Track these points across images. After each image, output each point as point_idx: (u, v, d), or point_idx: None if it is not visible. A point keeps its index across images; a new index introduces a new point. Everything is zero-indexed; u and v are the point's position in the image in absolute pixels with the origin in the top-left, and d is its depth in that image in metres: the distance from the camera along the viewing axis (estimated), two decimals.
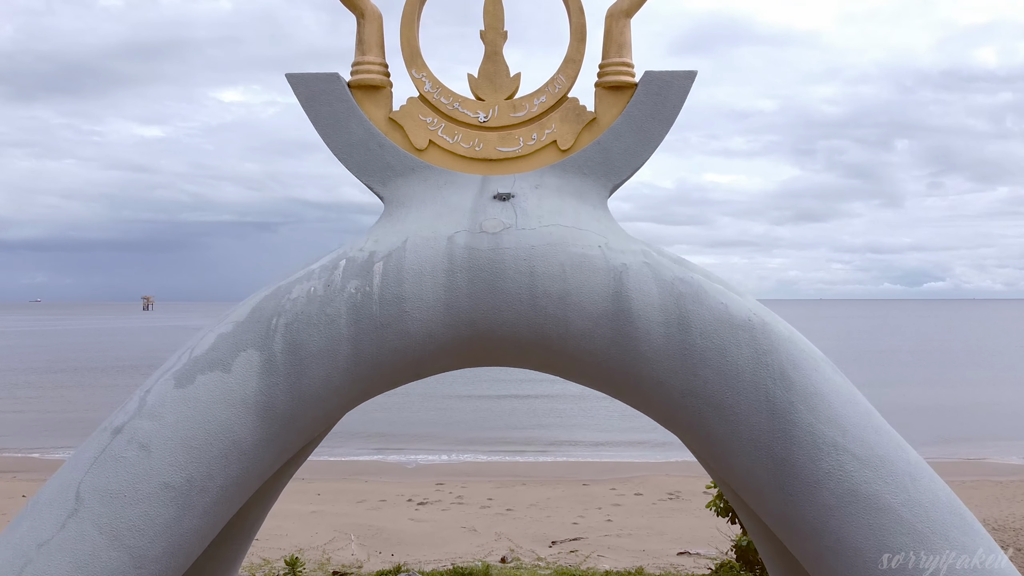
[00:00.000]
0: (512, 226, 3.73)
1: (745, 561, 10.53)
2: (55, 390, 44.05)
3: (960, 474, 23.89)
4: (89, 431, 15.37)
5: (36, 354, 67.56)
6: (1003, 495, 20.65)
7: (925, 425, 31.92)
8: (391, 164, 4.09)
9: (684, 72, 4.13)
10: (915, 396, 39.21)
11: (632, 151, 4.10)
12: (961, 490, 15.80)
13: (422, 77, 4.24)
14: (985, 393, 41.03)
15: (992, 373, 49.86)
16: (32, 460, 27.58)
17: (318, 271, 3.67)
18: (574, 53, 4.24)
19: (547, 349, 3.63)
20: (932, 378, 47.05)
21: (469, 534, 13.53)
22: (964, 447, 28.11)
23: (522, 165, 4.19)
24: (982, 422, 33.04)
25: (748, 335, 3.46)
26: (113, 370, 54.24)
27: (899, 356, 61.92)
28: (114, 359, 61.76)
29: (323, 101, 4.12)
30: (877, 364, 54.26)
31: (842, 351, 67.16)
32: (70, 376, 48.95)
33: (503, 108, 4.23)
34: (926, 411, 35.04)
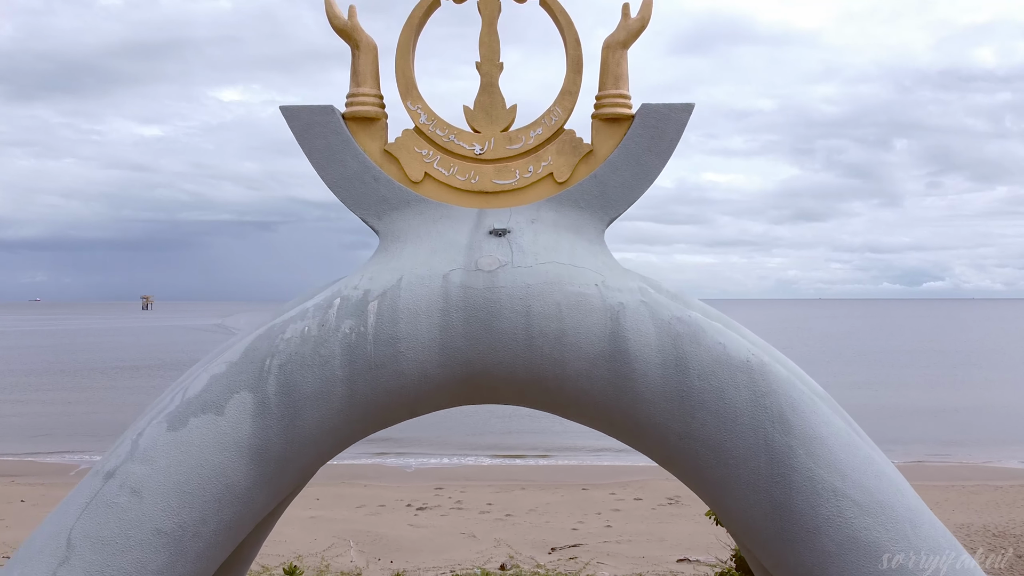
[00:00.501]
0: (508, 264, 3.70)
1: (745, 571, 10.51)
2: (54, 392, 44.01)
3: (959, 478, 23.90)
4: (88, 434, 15.44)
5: (35, 355, 67.53)
6: (1003, 500, 20.62)
7: (924, 428, 31.93)
8: (386, 197, 4.06)
9: (681, 105, 4.10)
10: (914, 398, 39.21)
11: (629, 184, 4.06)
12: (961, 495, 15.75)
13: (417, 109, 4.20)
14: (984, 396, 41.03)
15: (991, 375, 49.86)
16: (31, 464, 27.54)
17: (312, 310, 3.63)
18: (570, 85, 4.20)
19: (543, 390, 3.60)
20: (931, 380, 47.06)
21: (468, 540, 13.52)
22: (963, 451, 28.10)
23: (518, 198, 4.15)
24: (981, 425, 33.02)
25: (746, 377, 3.42)
26: (112, 371, 54.19)
27: (898, 357, 61.91)
28: (113, 360, 61.71)
29: (317, 134, 4.08)
30: (876, 365, 54.28)
31: (841, 351, 67.23)
32: (69, 378, 48.91)
33: (499, 140, 4.19)
34: (925, 413, 35.05)
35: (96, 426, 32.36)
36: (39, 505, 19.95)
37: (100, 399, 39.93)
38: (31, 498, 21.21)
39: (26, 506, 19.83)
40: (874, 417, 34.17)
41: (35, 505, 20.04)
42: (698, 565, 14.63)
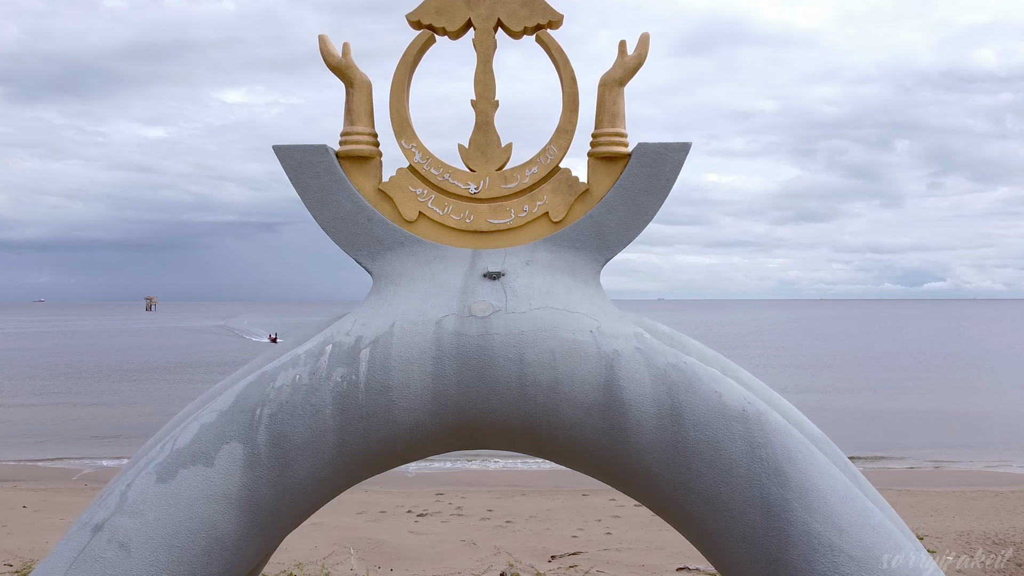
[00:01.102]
0: (502, 309, 3.65)
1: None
2: (58, 395, 44.02)
3: (960, 484, 23.81)
4: (91, 439, 15.38)
5: (39, 357, 67.59)
6: (1003, 507, 20.53)
7: (925, 432, 31.85)
8: (380, 238, 4.02)
9: (678, 144, 4.05)
10: (915, 402, 39.11)
11: (625, 225, 4.02)
12: (961, 501, 15.65)
13: (412, 148, 4.16)
14: (986, 399, 40.93)
15: (993, 377, 49.76)
16: (33, 468, 27.52)
17: (304, 356, 3.59)
18: (566, 123, 4.16)
19: (536, 438, 3.56)
20: (933, 382, 46.97)
21: (468, 548, 13.49)
22: (964, 455, 28.02)
23: (513, 238, 4.11)
24: (983, 430, 32.93)
25: (742, 427, 3.38)
26: (116, 374, 54.22)
27: (900, 359, 61.75)
28: (117, 362, 61.75)
29: (311, 173, 4.04)
30: (878, 368, 54.16)
31: (843, 354, 67.13)
32: (73, 381, 48.93)
33: (494, 179, 4.15)
34: (927, 417, 34.96)
35: (99, 431, 32.37)
36: (41, 511, 19.92)
37: (103, 403, 39.95)
38: (33, 504, 21.19)
39: (28, 512, 19.81)
40: (875, 421, 34.15)
41: (37, 511, 20.01)
42: (697, 574, 14.60)
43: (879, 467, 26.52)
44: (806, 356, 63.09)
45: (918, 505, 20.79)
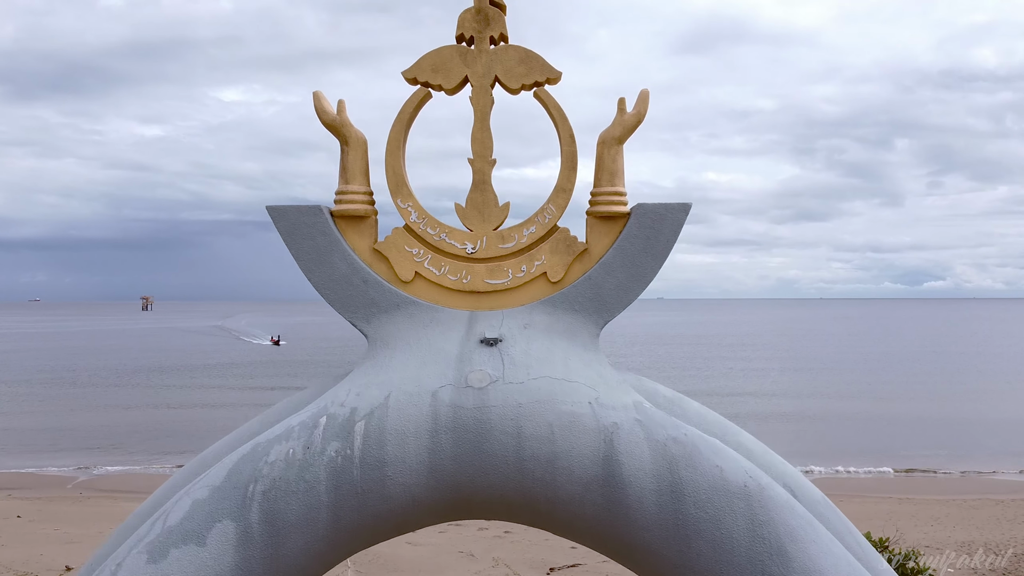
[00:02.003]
0: (499, 379, 3.58)
1: None
2: (53, 400, 43.87)
3: (961, 492, 23.76)
4: (86, 446, 15.22)
5: (35, 359, 67.41)
6: (1004, 515, 20.46)
7: (926, 437, 31.82)
8: (375, 300, 3.95)
9: (678, 205, 3.98)
10: (916, 406, 39.08)
11: (624, 287, 3.95)
12: (961, 510, 15.59)
13: (408, 207, 4.09)
14: (987, 403, 40.91)
15: (994, 380, 49.75)
16: (28, 476, 27.39)
17: (298, 429, 3.52)
18: (564, 182, 4.09)
19: (534, 512, 3.50)
20: (933, 385, 46.96)
21: (467, 560, 13.44)
22: (966, 462, 27.96)
23: (511, 298, 4.04)
24: (984, 434, 32.90)
25: (744, 504, 3.32)
26: (113, 376, 54.10)
27: (900, 361, 61.74)
28: (114, 365, 61.59)
29: (305, 235, 3.97)
30: (878, 370, 54.13)
31: (843, 355, 67.10)
32: (69, 385, 48.79)
33: (491, 239, 4.08)
34: (928, 423, 34.93)
35: (96, 437, 32.27)
36: (35, 521, 19.79)
37: (99, 408, 39.85)
38: (28, 513, 21.05)
39: (23, 522, 19.68)
40: (875, 427, 34.09)
41: (32, 521, 19.88)
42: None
43: (880, 474, 26.51)
44: (806, 358, 63.03)
45: (918, 514, 20.73)
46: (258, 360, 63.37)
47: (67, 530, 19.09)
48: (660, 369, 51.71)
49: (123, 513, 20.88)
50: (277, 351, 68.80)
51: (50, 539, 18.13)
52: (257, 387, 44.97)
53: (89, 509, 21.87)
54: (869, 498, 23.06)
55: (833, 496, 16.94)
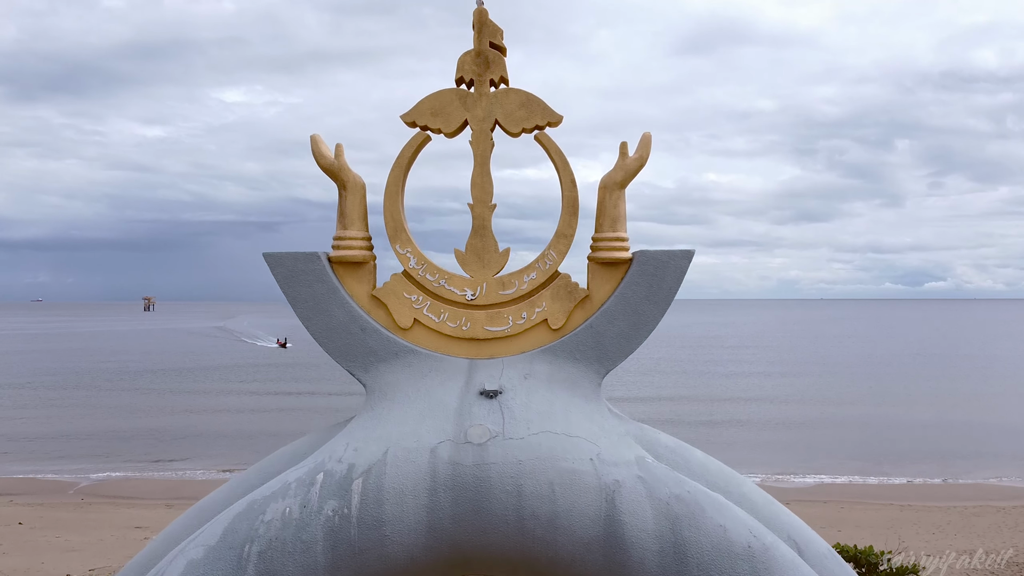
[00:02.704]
0: (499, 435, 3.52)
1: None
2: (57, 404, 43.79)
3: (963, 499, 23.65)
4: (89, 451, 15.16)
5: (38, 361, 67.38)
6: (1005, 523, 20.35)
7: (928, 442, 31.72)
8: (374, 349, 3.89)
9: (680, 251, 3.92)
10: (918, 411, 38.97)
11: (626, 335, 3.89)
12: (962, 517, 15.50)
13: (407, 253, 4.03)
14: (988, 407, 40.80)
15: (995, 384, 49.62)
16: (31, 481, 27.32)
17: (295, 486, 3.46)
18: (565, 227, 4.03)
19: (535, 571, 3.44)
20: (935, 389, 46.85)
21: None
22: (968, 467, 27.85)
23: (511, 346, 3.98)
24: (985, 439, 32.78)
25: (748, 566, 3.26)
26: (116, 379, 54.02)
27: (902, 364, 61.60)
28: (116, 367, 61.53)
29: (302, 282, 3.91)
30: (880, 374, 53.99)
31: (845, 358, 66.96)
32: (72, 388, 48.72)
33: (491, 285, 4.02)
34: (929, 428, 34.82)
35: (97, 441, 32.20)
36: (37, 528, 19.75)
37: (103, 411, 39.75)
38: (29, 520, 21.01)
39: (24, 529, 19.63)
40: (878, 433, 33.98)
41: (33, 528, 19.84)
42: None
43: (882, 481, 26.41)
44: (807, 362, 62.89)
45: (920, 521, 20.64)
46: (265, 363, 63.34)
47: (68, 537, 19.05)
48: (662, 374, 51.60)
49: (124, 520, 20.81)
50: (284, 354, 68.39)
51: (51, 546, 18.08)
52: (265, 392, 44.75)
53: (90, 515, 21.82)
54: (872, 505, 22.97)
55: (836, 503, 16.98)
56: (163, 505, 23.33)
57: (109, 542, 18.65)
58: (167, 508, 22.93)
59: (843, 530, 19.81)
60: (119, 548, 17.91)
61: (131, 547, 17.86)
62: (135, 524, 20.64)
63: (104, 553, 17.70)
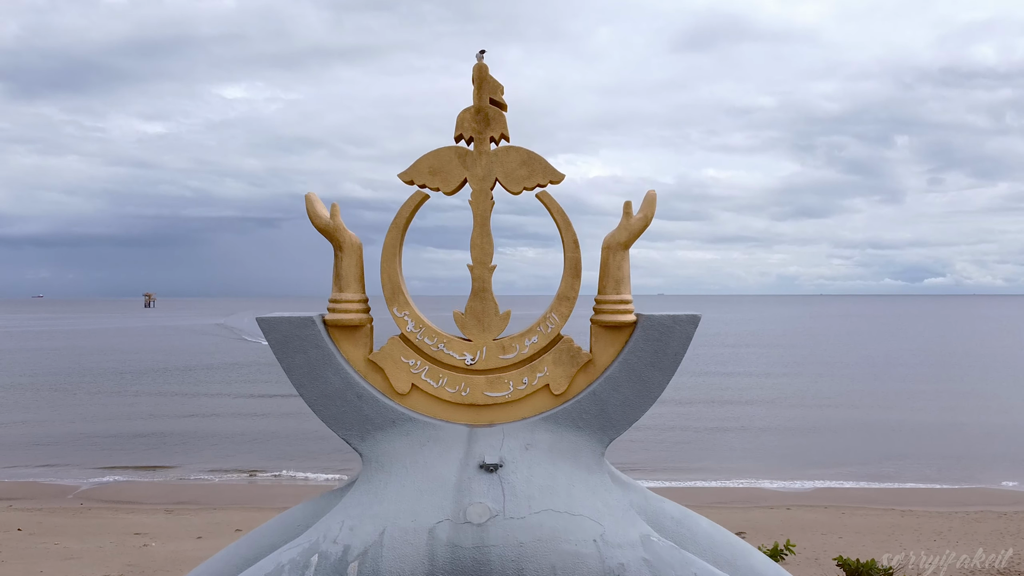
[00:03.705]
0: (499, 514, 3.41)
1: None
2: (57, 406, 43.68)
3: (963, 503, 23.54)
4: (89, 454, 15.05)
5: (39, 359, 67.26)
6: (1007, 529, 20.24)
7: (928, 445, 31.62)
8: (370, 417, 3.77)
9: (686, 316, 3.80)
10: (918, 413, 38.84)
11: (630, 403, 3.77)
12: (964, 523, 15.35)
13: (404, 316, 3.91)
14: (989, 407, 40.71)
15: (996, 384, 49.54)
16: (30, 485, 27.20)
17: (288, 568, 3.35)
18: (568, 290, 3.91)
19: None
20: (934, 390, 46.72)
21: None
22: (969, 470, 27.75)
23: (512, 411, 3.87)
24: (986, 441, 32.69)
25: None
26: (117, 377, 53.87)
27: (901, 363, 61.46)
28: (118, 365, 61.39)
29: (297, 347, 3.79)
30: (880, 374, 53.87)
31: (844, 357, 66.85)
32: (72, 387, 48.56)
33: (491, 349, 3.90)
34: (929, 429, 34.72)
35: (98, 443, 32.08)
36: (36, 535, 19.64)
37: (105, 412, 39.63)
38: (28, 526, 20.89)
39: (23, 535, 19.52)
40: (877, 436, 33.93)
41: (32, 534, 19.72)
42: None
43: (882, 486, 26.33)
44: (807, 361, 62.73)
45: (921, 528, 20.54)
46: (271, 362, 63.18)
47: (67, 544, 18.95)
48: None
49: (123, 526, 20.71)
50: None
51: (50, 554, 17.99)
52: (272, 394, 44.48)
53: (90, 521, 21.72)
54: (872, 510, 22.89)
55: (836, 509, 16.79)
56: (163, 511, 23.23)
57: (108, 549, 18.56)
58: (167, 513, 22.84)
59: (844, 536, 19.74)
60: (118, 555, 17.82)
61: (130, 555, 17.78)
62: (134, 530, 20.54)
63: (103, 561, 17.62)
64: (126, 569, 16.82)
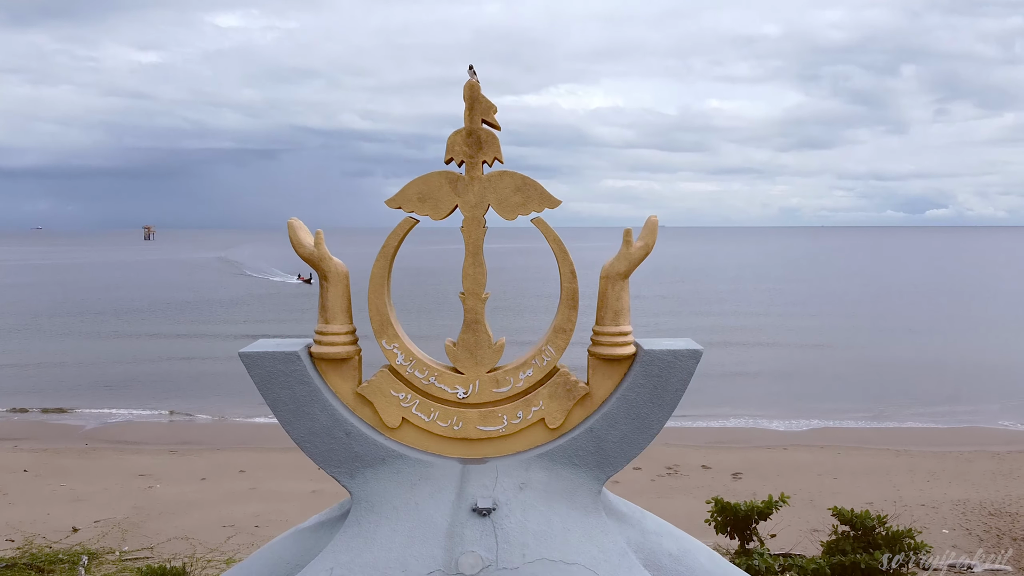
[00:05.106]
0: (492, 564, 3.32)
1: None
2: (62, 339, 43.90)
3: (957, 443, 23.85)
4: (95, 392, 15.19)
5: (42, 294, 67.41)
6: (1000, 470, 20.52)
7: (927, 384, 31.91)
8: (359, 455, 3.65)
9: (688, 351, 3.64)
10: (915, 351, 39.09)
11: (628, 439, 3.65)
12: (957, 464, 15.62)
13: (394, 348, 3.75)
14: (988, 343, 40.93)
15: (996, 319, 49.71)
16: (36, 425, 27.46)
17: None
18: (564, 322, 3.74)
19: None
20: (934, 326, 46.95)
21: None
22: (964, 409, 28.01)
23: (506, 445, 3.75)
24: (982, 379, 32.95)
25: None
26: (121, 313, 54.10)
27: (901, 298, 61.62)
28: (121, 300, 61.56)
29: (282, 384, 3.65)
30: (879, 311, 54.04)
31: (845, 290, 67.00)
32: (77, 325, 48.77)
33: (485, 382, 3.76)
34: (926, 368, 35.00)
35: (104, 383, 32.31)
36: (42, 476, 19.89)
37: (108, 351, 39.84)
38: (35, 467, 21.14)
39: (29, 477, 19.76)
40: (874, 374, 34.17)
41: (38, 476, 19.97)
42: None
43: (879, 426, 26.60)
44: (807, 299, 62.88)
45: (915, 468, 20.83)
46: (274, 294, 63.05)
47: (73, 486, 19.22)
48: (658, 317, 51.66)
49: (129, 467, 20.98)
50: (308, 290, 66.46)
51: (56, 496, 18.25)
52: (274, 333, 44.62)
53: (95, 463, 22.00)
54: (868, 451, 23.18)
55: (832, 448, 16.96)
56: (167, 451, 23.51)
57: (114, 492, 18.85)
58: (171, 454, 23.12)
59: (839, 477, 20.03)
60: (123, 497, 18.10)
61: (135, 497, 18.06)
62: (139, 472, 20.82)
63: (110, 504, 17.90)
64: (132, 512, 17.10)
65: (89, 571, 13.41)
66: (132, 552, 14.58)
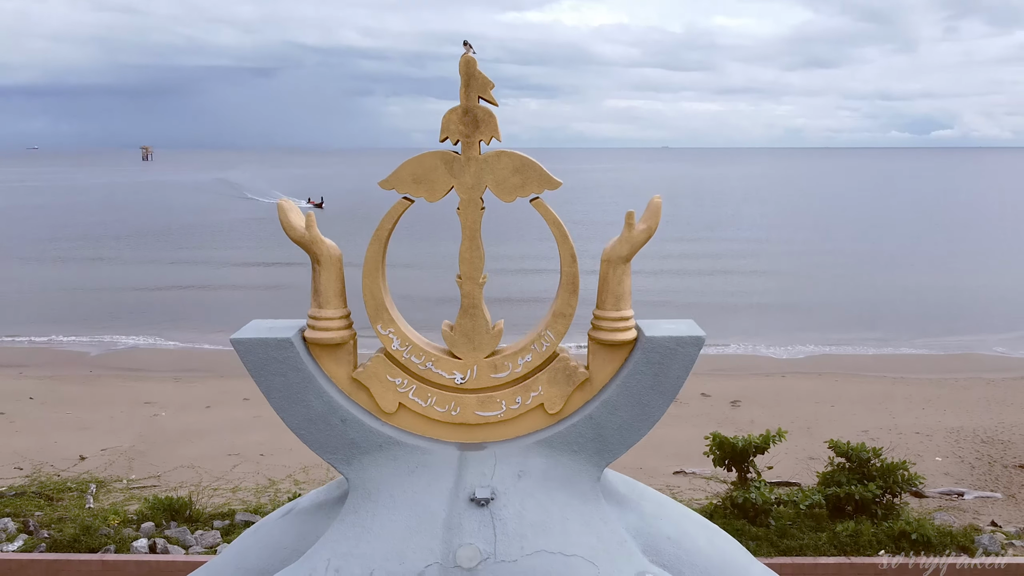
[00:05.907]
0: (490, 557, 3.30)
1: (738, 507, 11.20)
2: (64, 264, 43.79)
3: (952, 370, 24.04)
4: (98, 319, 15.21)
5: (43, 216, 66.92)
6: (994, 397, 20.75)
7: (925, 310, 31.96)
8: (355, 441, 3.60)
9: (690, 338, 3.54)
10: (918, 276, 39.04)
11: (628, 426, 3.59)
12: (952, 392, 15.81)
13: (389, 334, 3.65)
14: (988, 269, 40.85)
15: (996, 242, 49.48)
16: (42, 351, 27.61)
17: None
18: (564, 306, 3.63)
19: None
20: (936, 251, 46.80)
21: None
22: (962, 335, 28.11)
23: (504, 430, 3.69)
24: (982, 304, 33.00)
25: None
26: (123, 238, 53.80)
27: (904, 221, 61.24)
28: (121, 224, 61.12)
29: (275, 371, 3.56)
30: (882, 235, 53.75)
31: (847, 215, 66.56)
32: (80, 251, 48.55)
33: (483, 368, 3.67)
34: (928, 292, 34.98)
35: (106, 309, 32.34)
36: (48, 403, 20.10)
37: (111, 278, 39.75)
38: (40, 394, 21.37)
39: (35, 405, 20.00)
40: (874, 298, 34.14)
41: (44, 403, 20.19)
42: (693, 478, 14.96)
43: (876, 352, 26.77)
44: (809, 221, 62.54)
45: (912, 396, 21.06)
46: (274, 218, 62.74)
47: (78, 414, 19.45)
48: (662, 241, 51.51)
49: (133, 394, 21.18)
50: (320, 214, 65.33)
51: (62, 424, 18.49)
52: (275, 260, 44.02)
53: (99, 390, 22.20)
54: (865, 378, 23.39)
55: (830, 376, 17.07)
56: (171, 379, 23.71)
57: (119, 419, 19.10)
58: (175, 382, 23.34)
59: (836, 405, 20.29)
60: (129, 426, 18.35)
61: (141, 425, 18.31)
62: (144, 399, 21.06)
63: (115, 432, 18.15)
64: (138, 440, 17.35)
65: (97, 499, 13.69)
66: (139, 480, 14.86)
